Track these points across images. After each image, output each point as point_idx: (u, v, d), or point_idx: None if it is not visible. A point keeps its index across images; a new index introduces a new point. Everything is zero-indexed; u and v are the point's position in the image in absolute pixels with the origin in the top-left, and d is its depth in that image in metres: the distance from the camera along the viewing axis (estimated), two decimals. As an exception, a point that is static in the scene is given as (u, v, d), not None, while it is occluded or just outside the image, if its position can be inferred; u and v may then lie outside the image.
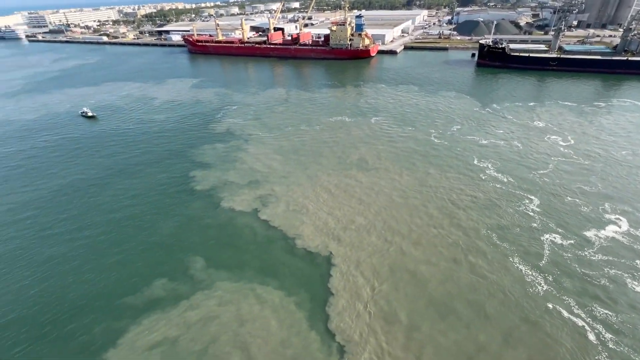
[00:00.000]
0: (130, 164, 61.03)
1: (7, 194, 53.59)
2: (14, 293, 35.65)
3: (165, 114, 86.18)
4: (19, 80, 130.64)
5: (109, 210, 48.38)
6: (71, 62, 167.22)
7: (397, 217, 43.90)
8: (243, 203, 47.87)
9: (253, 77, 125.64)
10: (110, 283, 36.23)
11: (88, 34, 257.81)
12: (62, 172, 59.33)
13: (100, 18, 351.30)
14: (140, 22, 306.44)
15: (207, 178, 54.84)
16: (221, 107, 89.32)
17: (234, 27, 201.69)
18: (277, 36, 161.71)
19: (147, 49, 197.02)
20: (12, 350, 30.00)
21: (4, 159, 65.26)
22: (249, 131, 72.20)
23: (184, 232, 43.32)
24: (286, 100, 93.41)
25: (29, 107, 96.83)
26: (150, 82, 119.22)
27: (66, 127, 79.77)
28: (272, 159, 59.71)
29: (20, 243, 42.77)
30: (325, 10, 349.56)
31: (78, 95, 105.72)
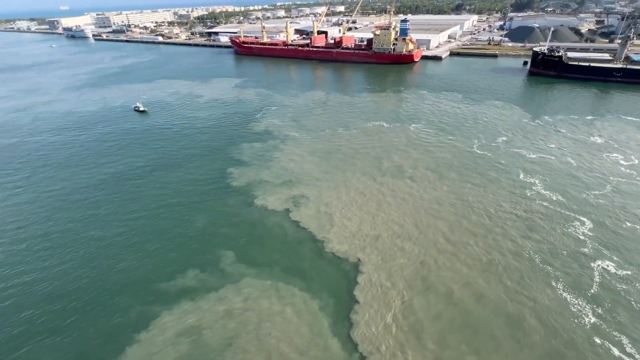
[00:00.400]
0: (173, 158, 64.42)
1: (63, 179, 58.62)
2: (65, 269, 38.75)
3: (208, 111, 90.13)
4: (83, 76, 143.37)
5: (151, 200, 51.30)
6: (129, 60, 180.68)
7: (431, 229, 42.24)
8: (275, 202, 48.62)
9: (294, 79, 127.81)
10: (148, 269, 38.26)
11: (145, 34, 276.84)
12: (113, 162, 63.92)
13: (157, 19, 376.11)
14: (192, 23, 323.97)
15: (243, 175, 56.41)
16: (261, 107, 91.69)
17: (279, 29, 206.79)
18: (320, 39, 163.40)
19: (197, 49, 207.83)
20: (61, 322, 32.54)
21: (64, 147, 71.65)
22: (286, 132, 73.38)
23: (218, 226, 44.79)
24: (325, 103, 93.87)
25: (90, 100, 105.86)
26: (197, 80, 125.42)
27: (120, 120, 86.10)
28: (307, 161, 60.14)
29: (71, 224, 46.50)
30: (370, 14, 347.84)
31: (132, 91, 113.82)
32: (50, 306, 34.21)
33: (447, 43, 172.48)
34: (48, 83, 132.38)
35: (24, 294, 35.71)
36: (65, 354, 29.67)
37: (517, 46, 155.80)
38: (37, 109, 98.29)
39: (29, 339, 31.08)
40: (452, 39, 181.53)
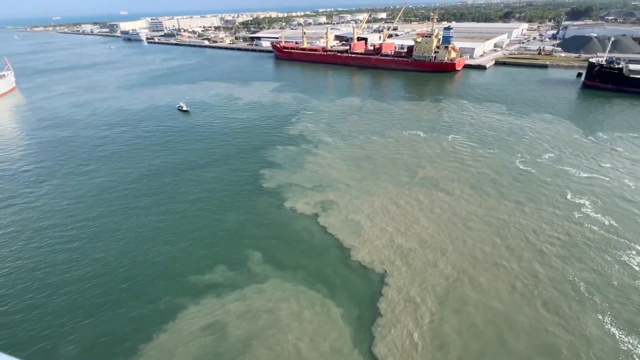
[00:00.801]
0: (210, 156, 66.89)
1: (109, 170, 62.73)
2: (105, 255, 41.21)
3: (246, 113, 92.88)
4: (135, 76, 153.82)
5: (187, 195, 53.47)
6: (177, 62, 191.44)
7: (465, 246, 40.20)
8: (305, 206, 48.75)
9: (331, 84, 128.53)
10: (180, 262, 39.70)
11: (193, 38, 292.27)
12: (155, 157, 67.55)
13: (205, 24, 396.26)
14: (237, 28, 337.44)
15: (274, 177, 57.26)
16: (297, 111, 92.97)
17: (319, 35, 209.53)
18: (359, 46, 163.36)
19: (240, 53, 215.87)
20: (98, 304, 34.57)
21: (113, 141, 76.90)
22: (320, 137, 73.70)
23: (248, 226, 45.65)
24: (360, 109, 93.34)
25: (139, 98, 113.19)
26: (238, 83, 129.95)
27: (164, 119, 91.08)
28: (339, 167, 59.88)
29: (114, 213, 49.49)
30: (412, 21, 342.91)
31: (177, 91, 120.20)
32: (90, 287, 36.45)
33: (492, 52, 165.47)
34: (104, 81, 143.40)
35: (69, 272, 38.35)
36: (98, 335, 31.38)
37: (570, 57, 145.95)
38: (93, 105, 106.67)
39: (68, 315, 33.23)
40: (499, 47, 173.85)
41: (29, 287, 36.84)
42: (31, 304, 34.68)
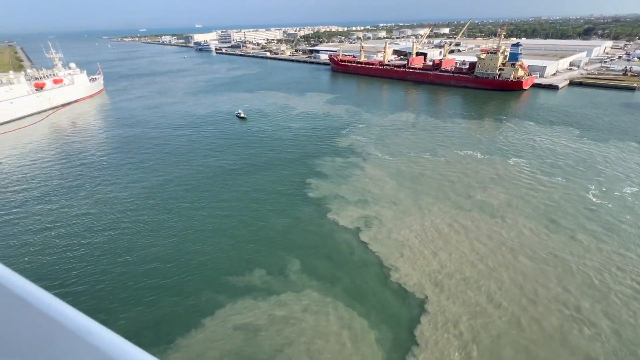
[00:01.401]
0: (261, 162, 69.48)
1: (169, 168, 67.93)
2: (158, 245, 44.37)
3: (299, 123, 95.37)
4: (202, 83, 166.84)
5: (236, 198, 55.87)
6: (239, 71, 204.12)
7: (520, 282, 36.48)
8: (347, 219, 48.16)
9: (385, 98, 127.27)
10: (223, 261, 41.33)
11: (256, 50, 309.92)
12: (211, 159, 71.90)
13: (268, 37, 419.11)
14: (297, 41, 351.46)
15: (320, 187, 57.59)
16: (349, 123, 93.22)
17: (377, 49, 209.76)
18: (418, 61, 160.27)
19: (299, 65, 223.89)
20: (145, 291, 37.14)
21: (175, 141, 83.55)
22: (369, 150, 72.87)
23: (290, 233, 46.24)
24: (414, 125, 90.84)
25: (203, 104, 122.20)
26: (294, 93, 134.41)
27: (223, 124, 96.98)
28: (386, 183, 58.47)
29: (169, 208, 53.29)
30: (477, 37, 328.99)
31: (237, 99, 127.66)
32: (141, 274, 39.31)
33: (567, 71, 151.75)
34: (175, 87, 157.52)
35: (124, 257, 41.86)
36: (143, 320, 33.56)
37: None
38: (163, 108, 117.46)
39: (118, 299, 36.06)
40: (575, 66, 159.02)
41: (86, 266, 40.86)
42: (89, 281, 38.32)
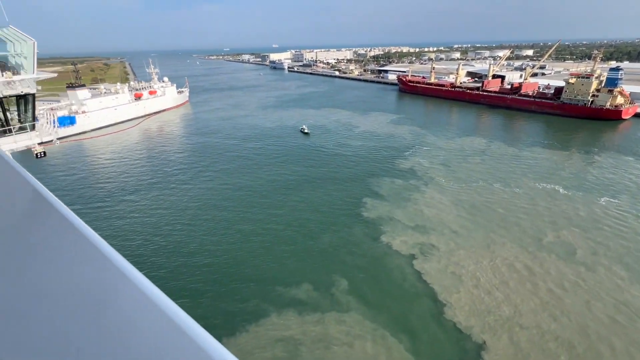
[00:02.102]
0: (320, 177, 70.49)
1: (234, 176, 72.37)
2: (215, 249, 47.06)
3: (361, 141, 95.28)
4: (272, 98, 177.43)
5: (291, 210, 57.15)
6: (308, 89, 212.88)
7: (603, 345, 30.69)
8: (402, 244, 45.91)
9: (454, 121, 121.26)
10: (273, 271, 42.15)
11: (326, 69, 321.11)
12: (272, 171, 75.07)
13: (339, 57, 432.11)
14: (367, 61, 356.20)
15: (376, 208, 56.14)
16: (412, 145, 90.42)
17: (449, 71, 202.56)
18: (493, 83, 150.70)
19: (366, 85, 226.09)
20: (200, 289, 39.35)
21: (243, 151, 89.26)
22: (432, 175, 69.44)
23: (341, 251, 45.55)
24: (484, 151, 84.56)
25: (271, 118, 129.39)
26: (358, 112, 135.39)
27: (287, 138, 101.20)
28: (448, 211, 54.79)
29: (229, 214, 56.43)
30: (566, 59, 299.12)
31: (303, 115, 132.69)
32: (198, 273, 41.83)
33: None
34: (248, 101, 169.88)
35: (184, 255, 45.08)
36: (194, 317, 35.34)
37: None
38: (236, 120, 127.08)
39: (172, 294, 38.64)
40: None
41: (152, 256, 44.77)
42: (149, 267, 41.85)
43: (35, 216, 1.43)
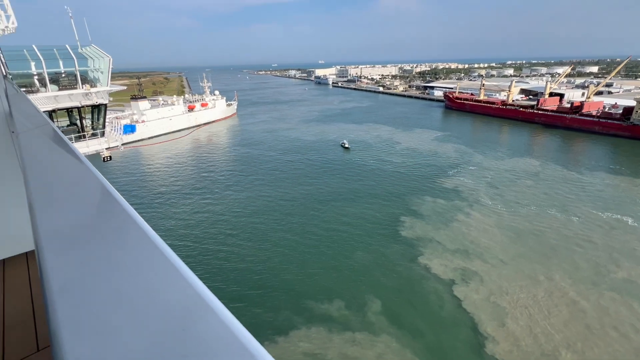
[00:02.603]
0: (357, 193, 69.72)
1: (272, 187, 73.94)
2: (249, 256, 47.96)
3: (402, 158, 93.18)
4: (315, 112, 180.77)
5: (325, 224, 56.88)
6: (351, 104, 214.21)
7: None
8: (441, 268, 43.43)
9: (504, 141, 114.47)
10: (306, 284, 41.90)
11: (370, 84, 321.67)
12: (310, 184, 75.72)
13: (384, 73, 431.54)
14: (412, 77, 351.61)
15: (414, 227, 54.00)
16: (457, 164, 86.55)
17: (500, 88, 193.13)
18: (551, 102, 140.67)
19: (410, 101, 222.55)
20: (232, 295, 40.10)
21: (283, 163, 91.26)
22: (478, 196, 65.60)
23: (375, 269, 44.19)
24: (537, 174, 78.41)
25: (312, 132, 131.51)
26: (400, 128, 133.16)
27: (327, 152, 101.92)
28: (494, 236, 51.11)
29: (267, 224, 57.47)
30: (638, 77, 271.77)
31: (344, 129, 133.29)
32: (232, 279, 42.75)
33: None
34: (291, 115, 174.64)
35: (221, 260, 46.42)
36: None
37: None
38: (278, 133, 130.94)
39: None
40: None
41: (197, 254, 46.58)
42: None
43: (110, 217, 1.53)
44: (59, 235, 1.29)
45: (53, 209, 1.59)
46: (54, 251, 1.11)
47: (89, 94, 40.10)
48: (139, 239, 1.20)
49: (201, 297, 1.10)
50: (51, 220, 1.44)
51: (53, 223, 1.42)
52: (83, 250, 1.16)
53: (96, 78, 42.67)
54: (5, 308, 3.91)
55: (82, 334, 0.79)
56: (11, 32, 29.57)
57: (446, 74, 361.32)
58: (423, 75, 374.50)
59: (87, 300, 0.88)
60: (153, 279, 0.99)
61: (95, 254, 1.11)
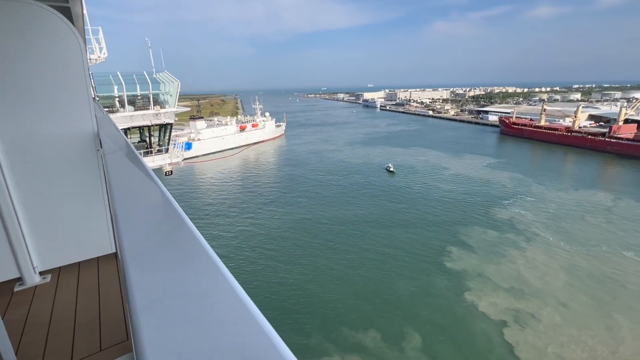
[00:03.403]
0: (400, 218, 67.16)
1: (312, 208, 73.94)
2: (285, 276, 47.70)
3: (450, 184, 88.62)
4: (361, 135, 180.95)
5: (365, 249, 55.13)
6: (398, 127, 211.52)
7: None
8: (491, 307, 39.37)
9: (569, 171, 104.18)
10: (341, 310, 40.41)
11: (419, 108, 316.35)
12: (352, 207, 74.64)
13: (434, 96, 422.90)
14: (465, 101, 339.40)
15: (462, 259, 50.16)
16: (512, 194, 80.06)
17: (564, 113, 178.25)
18: (626, 129, 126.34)
19: (461, 125, 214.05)
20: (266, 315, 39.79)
21: (326, 184, 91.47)
22: (536, 230, 59.58)
23: (416, 301, 41.40)
24: (610, 209, 69.50)
25: (356, 154, 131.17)
26: (449, 153, 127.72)
27: (371, 175, 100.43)
28: (555, 277, 45.54)
29: (301, 244, 57.19)
30: None
31: (389, 153, 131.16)
32: (267, 299, 42.59)
33: None
34: (337, 137, 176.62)
35: (258, 279, 46.66)
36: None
37: None
38: (323, 154, 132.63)
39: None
40: None
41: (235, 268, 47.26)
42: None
43: (174, 229, 1.71)
44: (137, 241, 1.50)
45: (132, 219, 1.86)
46: (132, 255, 1.26)
47: (158, 114, 44.60)
48: (199, 252, 1.30)
49: (268, 337, 1.12)
50: (131, 229, 1.68)
51: (132, 231, 1.65)
52: (157, 257, 1.29)
53: (165, 100, 47.67)
54: (77, 307, 4.44)
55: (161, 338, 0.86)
56: (102, 61, 34.59)
57: (502, 98, 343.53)
58: (477, 99, 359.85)
59: (163, 304, 0.95)
60: (220, 306, 1.03)
61: (168, 264, 1.23)
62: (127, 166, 3.06)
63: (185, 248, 1.38)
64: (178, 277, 1.12)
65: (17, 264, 4.82)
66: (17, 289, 4.82)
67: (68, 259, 5.41)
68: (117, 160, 3.33)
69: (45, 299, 4.58)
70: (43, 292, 4.75)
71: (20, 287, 4.87)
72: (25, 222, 4.94)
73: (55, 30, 4.64)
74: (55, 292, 4.73)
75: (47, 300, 4.55)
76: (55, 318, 4.20)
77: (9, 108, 4.67)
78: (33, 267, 4.97)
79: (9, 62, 4.57)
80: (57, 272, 5.21)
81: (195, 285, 1.07)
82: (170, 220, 1.77)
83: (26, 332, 3.94)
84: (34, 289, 4.83)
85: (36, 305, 4.47)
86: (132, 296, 0.98)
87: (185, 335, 0.88)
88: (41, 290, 4.81)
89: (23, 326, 4.03)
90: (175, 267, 1.20)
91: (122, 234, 1.55)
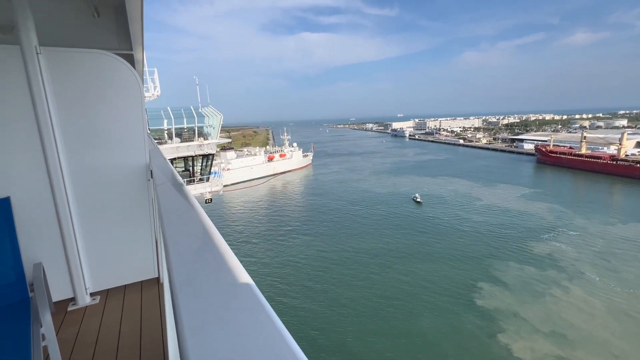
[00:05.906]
0: (427, 251, 64.17)
1: (335, 239, 72.63)
2: (301, 310, 46.29)
3: (482, 216, 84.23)
4: (388, 164, 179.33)
5: (389, 283, 52.72)
6: (427, 156, 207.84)
7: None
8: (527, 352, 35.50)
9: (616, 202, 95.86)
10: (361, 347, 38.16)
11: (450, 137, 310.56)
12: (377, 238, 72.61)
13: (465, 125, 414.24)
14: (498, 130, 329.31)
15: (495, 297, 46.41)
16: (552, 227, 74.44)
17: (608, 141, 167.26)
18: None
19: (494, 154, 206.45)
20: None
21: (350, 216, 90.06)
22: (581, 268, 54.39)
23: (444, 340, 38.31)
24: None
25: (383, 184, 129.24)
26: (480, 182, 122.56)
27: (397, 206, 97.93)
28: (604, 321, 40.70)
29: (322, 277, 55.72)
30: None
31: (417, 182, 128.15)
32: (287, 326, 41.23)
33: None
34: (363, 166, 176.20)
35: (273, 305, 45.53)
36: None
37: None
38: (348, 184, 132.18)
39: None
40: None
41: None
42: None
43: (216, 257, 1.82)
44: (184, 268, 1.58)
45: (180, 247, 1.96)
46: (181, 281, 1.33)
47: (202, 145, 47.82)
48: (240, 281, 1.36)
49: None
50: (179, 255, 1.78)
51: (180, 257, 1.76)
52: (203, 284, 1.34)
53: (208, 132, 51.28)
54: (122, 328, 4.75)
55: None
56: (155, 97, 38.32)
57: (539, 126, 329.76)
58: (511, 127, 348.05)
59: (209, 331, 1.00)
60: (260, 336, 1.08)
61: (212, 291, 1.27)
62: (175, 196, 3.22)
63: (228, 277, 1.42)
64: (222, 305, 1.16)
65: (72, 285, 5.20)
66: (70, 308, 5.17)
67: (116, 282, 5.78)
68: (166, 190, 3.51)
69: (93, 320, 4.87)
70: (92, 313, 5.06)
71: (73, 307, 5.21)
72: (82, 246, 5.21)
73: (120, 75, 5.15)
74: (102, 314, 5.03)
75: (95, 321, 4.84)
76: (101, 339, 4.45)
77: (79, 143, 5.06)
78: (85, 288, 5.32)
79: (83, 104, 5.28)
80: (105, 294, 5.55)
81: (237, 315, 1.12)
82: (214, 249, 1.85)
83: (75, 351, 4.17)
84: (85, 310, 5.15)
85: (85, 325, 4.75)
86: (181, 321, 1.02)
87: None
88: (91, 311, 5.13)
89: (73, 345, 4.27)
90: (219, 294, 1.25)
91: (171, 261, 1.62)
